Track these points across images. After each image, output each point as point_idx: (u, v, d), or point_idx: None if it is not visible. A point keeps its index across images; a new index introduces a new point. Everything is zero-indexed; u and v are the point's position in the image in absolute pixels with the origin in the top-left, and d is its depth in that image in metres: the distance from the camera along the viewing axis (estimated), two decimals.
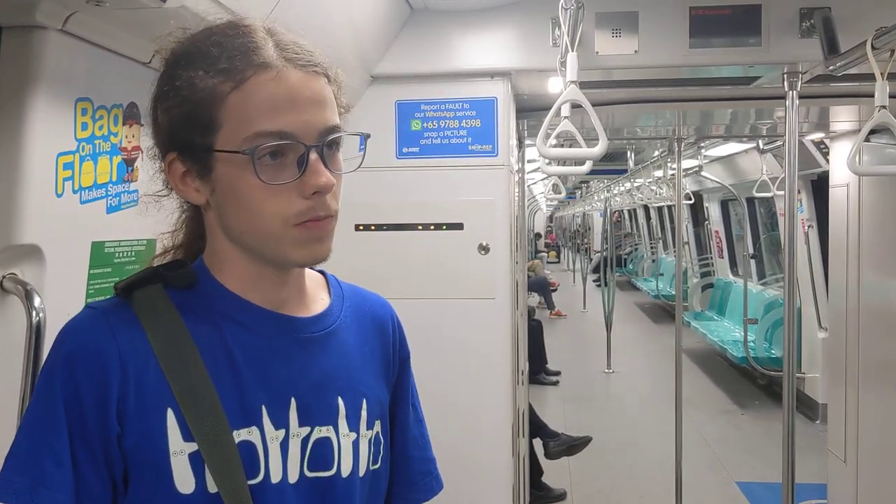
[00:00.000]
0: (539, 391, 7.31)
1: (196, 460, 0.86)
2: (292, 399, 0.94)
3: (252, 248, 0.93)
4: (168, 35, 0.95)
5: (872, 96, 2.00)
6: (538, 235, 25.26)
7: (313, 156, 0.88)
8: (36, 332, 1.19)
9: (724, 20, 2.26)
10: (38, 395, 0.88)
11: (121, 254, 1.50)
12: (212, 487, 0.86)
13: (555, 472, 5.03)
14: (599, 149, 1.79)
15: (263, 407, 0.91)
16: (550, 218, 28.28)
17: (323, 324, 1.00)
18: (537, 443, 4.83)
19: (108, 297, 0.95)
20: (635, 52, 2.30)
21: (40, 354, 1.19)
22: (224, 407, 0.88)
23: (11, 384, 1.18)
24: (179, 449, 0.86)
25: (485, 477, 2.43)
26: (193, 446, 0.86)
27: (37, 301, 1.20)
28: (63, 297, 1.33)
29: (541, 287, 12.20)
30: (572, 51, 1.82)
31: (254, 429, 0.90)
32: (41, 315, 1.20)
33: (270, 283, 0.96)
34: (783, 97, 2.46)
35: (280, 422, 0.92)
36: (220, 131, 0.88)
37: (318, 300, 1.03)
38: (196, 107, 0.89)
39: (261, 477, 0.90)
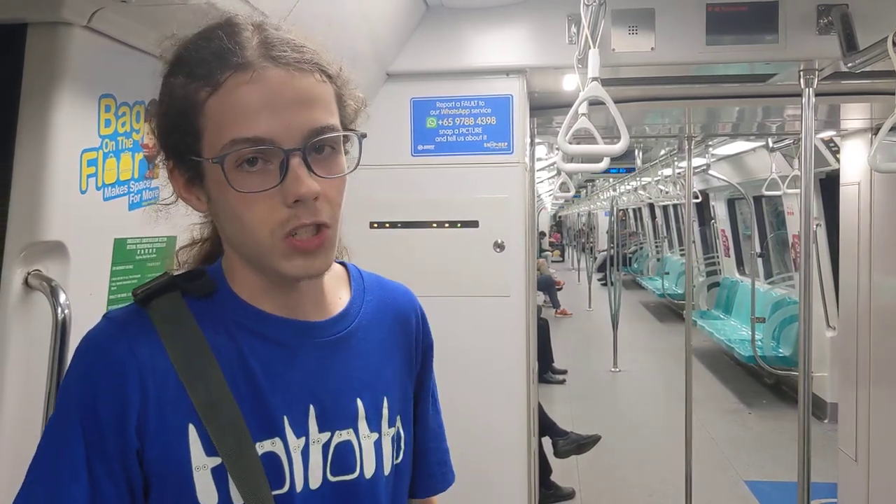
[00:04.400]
0: (546, 390, 7.30)
1: (219, 474, 0.85)
2: (311, 406, 0.92)
3: (249, 260, 0.91)
4: (166, 40, 0.90)
5: (887, 93, 2.00)
6: (542, 234, 25.24)
7: (294, 160, 0.82)
8: (61, 329, 1.19)
9: (741, 17, 2.25)
10: (58, 409, 0.87)
11: (142, 251, 1.50)
12: (236, 500, 0.85)
13: (563, 471, 5.02)
14: (621, 145, 1.79)
15: (285, 417, 0.90)
16: (555, 217, 28.24)
17: (341, 325, 0.98)
18: (546, 441, 4.83)
19: (125, 305, 0.93)
20: (651, 49, 2.29)
21: (66, 350, 1.19)
22: (245, 419, 0.87)
23: (38, 380, 1.19)
24: (202, 464, 0.85)
25: (502, 475, 2.43)
26: (216, 460, 0.85)
27: (62, 297, 1.20)
28: (86, 293, 1.33)
29: (546, 286, 12.17)
30: (594, 47, 1.82)
31: (277, 440, 0.89)
32: (66, 311, 1.20)
33: (280, 291, 0.93)
34: (799, 94, 2.45)
35: (300, 430, 0.91)
36: (202, 139, 0.85)
37: (336, 299, 1.00)
38: (179, 115, 0.85)
39: (286, 487, 0.89)
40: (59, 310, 1.19)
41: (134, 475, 0.85)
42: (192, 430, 0.85)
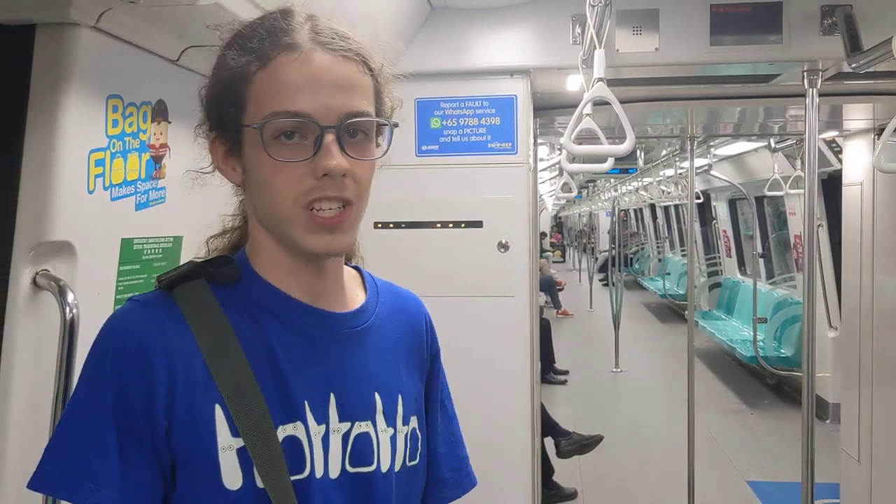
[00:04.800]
0: (548, 390, 7.30)
1: (243, 456, 0.86)
2: (331, 395, 0.94)
3: (274, 233, 0.93)
4: (227, 25, 0.96)
5: (890, 94, 2.00)
6: (543, 234, 25.26)
7: (328, 137, 0.87)
8: (69, 328, 1.19)
9: (745, 17, 2.26)
10: (83, 388, 0.87)
11: (149, 251, 1.50)
12: (260, 483, 0.86)
13: (565, 471, 5.02)
14: (626, 146, 1.79)
15: (306, 402, 0.92)
16: (556, 217, 28.26)
17: (360, 319, 1.00)
18: (548, 442, 4.83)
19: (150, 291, 0.94)
20: (656, 49, 2.29)
21: (74, 349, 1.20)
22: (267, 402, 0.88)
23: (47, 378, 1.19)
24: (227, 444, 0.86)
25: (505, 475, 2.43)
26: (241, 442, 0.86)
27: (70, 297, 1.21)
28: (94, 293, 1.33)
29: (548, 286, 12.18)
30: (599, 48, 1.82)
31: (298, 424, 0.90)
32: (74, 311, 1.20)
33: (305, 273, 0.95)
34: (802, 95, 2.45)
35: (321, 417, 0.92)
36: (246, 110, 0.90)
37: (354, 296, 1.03)
38: (229, 85, 0.91)
39: (307, 472, 0.90)
40: (68, 309, 1.20)
41: (163, 456, 0.86)
42: (218, 410, 0.86)
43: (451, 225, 2.42)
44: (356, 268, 1.09)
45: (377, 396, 0.98)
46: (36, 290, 1.22)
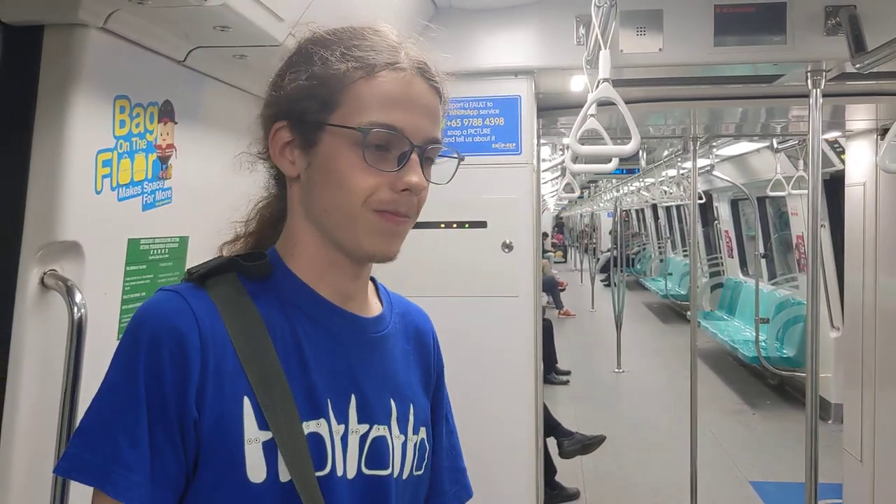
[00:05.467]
0: (550, 391, 7.30)
1: (269, 449, 0.87)
2: (353, 395, 0.95)
3: (328, 230, 0.95)
4: (307, 24, 1.01)
5: (893, 94, 2.00)
6: (545, 235, 25.26)
7: (415, 155, 0.93)
8: (77, 328, 1.20)
9: (749, 18, 2.26)
10: (115, 374, 0.87)
11: (155, 251, 1.50)
12: (283, 476, 0.87)
13: (568, 471, 5.02)
14: (632, 146, 1.80)
15: (329, 401, 0.93)
16: (557, 217, 28.25)
17: (381, 325, 1.03)
18: (551, 442, 4.83)
19: (181, 283, 0.95)
20: (660, 49, 2.30)
21: (81, 349, 1.20)
22: (294, 397, 0.89)
23: (54, 378, 1.19)
24: (254, 437, 0.86)
25: (509, 475, 2.43)
26: (268, 435, 0.87)
27: (78, 297, 1.21)
28: (101, 293, 1.34)
29: (549, 286, 12.18)
30: (604, 48, 1.82)
31: (322, 421, 0.91)
32: (83, 311, 1.20)
33: (342, 273, 0.98)
34: (806, 95, 2.45)
35: (341, 417, 0.93)
36: (336, 111, 0.93)
37: (373, 303, 1.05)
38: (322, 83, 0.93)
39: (328, 469, 0.91)
40: (75, 309, 1.20)
41: (189, 446, 0.86)
42: (246, 402, 0.87)
43: (455, 225, 2.43)
44: (371, 278, 1.10)
45: (393, 402, 1.00)
46: (44, 289, 1.22)
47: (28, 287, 1.21)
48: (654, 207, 14.96)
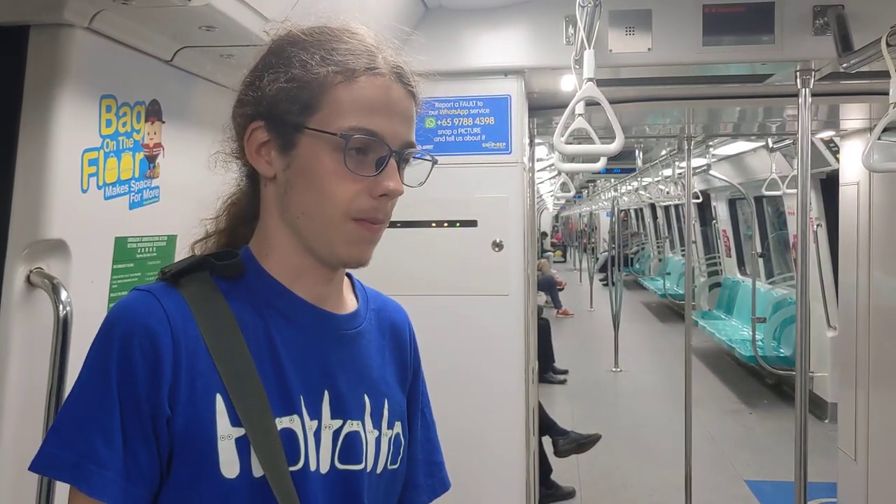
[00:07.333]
0: (547, 390, 7.31)
1: (242, 445, 0.88)
2: (326, 392, 0.96)
3: (302, 234, 0.96)
4: (281, 23, 1.01)
5: (885, 94, 2.01)
6: (544, 234, 25.26)
7: (393, 160, 0.94)
8: (63, 326, 1.20)
9: (738, 18, 2.27)
10: (89, 373, 0.88)
11: (143, 249, 1.51)
12: (256, 472, 0.88)
13: (563, 470, 5.03)
14: (616, 145, 1.81)
15: (301, 397, 0.94)
16: (556, 217, 28.26)
17: (356, 322, 1.04)
18: (546, 441, 4.84)
19: (154, 282, 0.96)
20: (648, 49, 2.31)
21: (67, 347, 1.21)
22: (267, 394, 0.91)
23: (40, 376, 1.20)
24: (227, 433, 0.88)
25: (498, 472, 2.44)
26: (240, 431, 0.88)
27: (63, 295, 1.22)
28: (88, 291, 1.35)
29: (548, 286, 12.18)
30: (589, 48, 1.83)
31: (295, 417, 0.93)
32: (68, 309, 1.21)
33: (315, 277, 0.99)
34: (795, 95, 2.46)
35: (314, 412, 0.95)
36: (316, 114, 0.93)
37: (348, 300, 1.06)
38: (303, 86, 0.93)
39: (301, 464, 0.92)
40: (61, 307, 1.21)
41: (162, 443, 0.87)
42: (219, 399, 0.88)
43: (445, 224, 2.44)
44: (347, 274, 1.11)
45: (367, 398, 1.01)
46: (30, 287, 1.23)
47: (14, 285, 1.22)
48: (653, 207, 14.96)
